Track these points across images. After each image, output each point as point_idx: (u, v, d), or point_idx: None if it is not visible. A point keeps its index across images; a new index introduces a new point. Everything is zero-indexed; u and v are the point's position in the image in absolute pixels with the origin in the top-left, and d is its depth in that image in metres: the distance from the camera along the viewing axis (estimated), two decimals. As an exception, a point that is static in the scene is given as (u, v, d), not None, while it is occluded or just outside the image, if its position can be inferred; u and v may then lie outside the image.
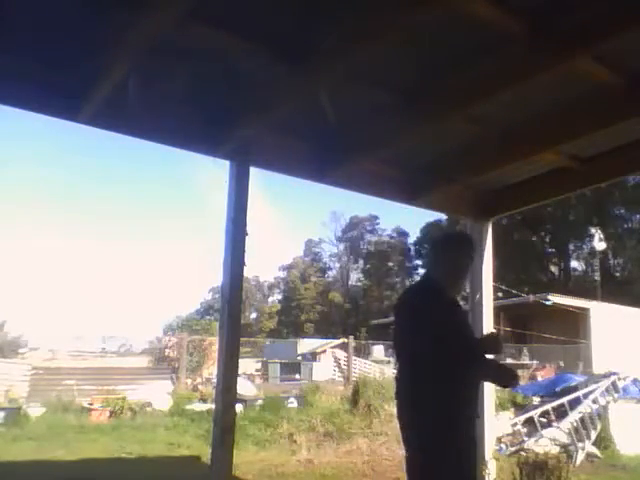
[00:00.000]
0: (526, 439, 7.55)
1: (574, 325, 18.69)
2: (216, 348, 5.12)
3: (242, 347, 11.95)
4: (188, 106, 3.46)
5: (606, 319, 17.94)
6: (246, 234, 3.66)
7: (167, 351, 15.14)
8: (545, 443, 7.33)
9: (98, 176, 60.67)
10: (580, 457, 7.06)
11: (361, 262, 53.64)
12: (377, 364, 16.92)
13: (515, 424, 7.98)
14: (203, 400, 10.57)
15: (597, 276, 27.59)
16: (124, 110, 3.26)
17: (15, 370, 11.21)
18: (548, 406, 8.26)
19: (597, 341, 17.81)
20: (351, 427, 8.46)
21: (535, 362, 17.11)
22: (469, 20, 2.59)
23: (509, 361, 16.25)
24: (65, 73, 3.01)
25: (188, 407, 10.15)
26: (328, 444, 7.65)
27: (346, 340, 17.91)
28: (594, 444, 7.55)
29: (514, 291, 19.75)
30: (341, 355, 17.67)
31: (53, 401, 9.77)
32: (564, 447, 7.27)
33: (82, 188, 58.88)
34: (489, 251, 5.09)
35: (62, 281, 63.81)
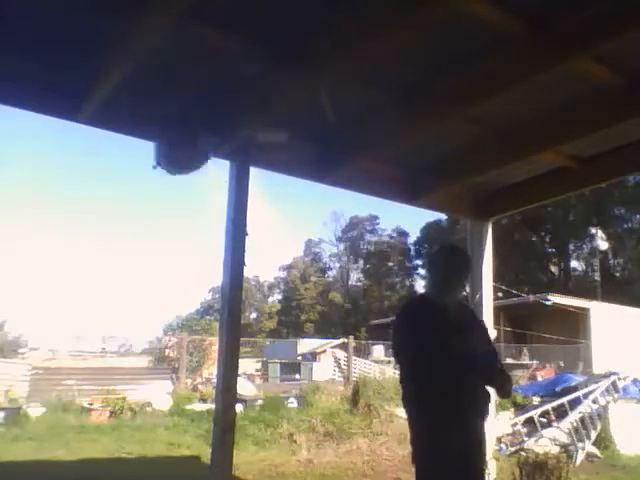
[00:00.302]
0: (526, 439, 7.55)
1: (574, 325, 18.69)
2: (216, 348, 5.11)
3: (242, 347, 11.95)
4: (188, 106, 3.45)
5: (606, 319, 17.94)
6: (246, 234, 3.66)
7: (167, 351, 15.13)
8: (545, 443, 7.34)
9: (98, 176, 60.72)
10: (580, 457, 7.06)
11: (361, 262, 53.65)
12: (377, 364, 16.92)
13: (515, 424, 7.99)
14: (203, 400, 10.57)
15: (597, 276, 27.62)
16: (124, 110, 3.26)
17: (15, 370, 11.20)
18: (548, 406, 8.27)
19: (597, 341, 17.81)
20: (351, 427, 8.46)
21: (535, 362, 17.12)
22: (469, 20, 2.59)
23: (509, 361, 16.26)
24: (65, 73, 3.01)
25: (188, 407, 10.14)
26: (328, 444, 7.65)
27: (346, 340, 17.90)
28: (594, 444, 7.55)
29: (514, 291, 19.78)
30: (341, 355, 17.67)
31: (53, 401, 9.76)
32: (564, 447, 7.27)
33: (82, 188, 58.95)
34: (489, 251, 5.08)
35: (62, 281, 63.83)
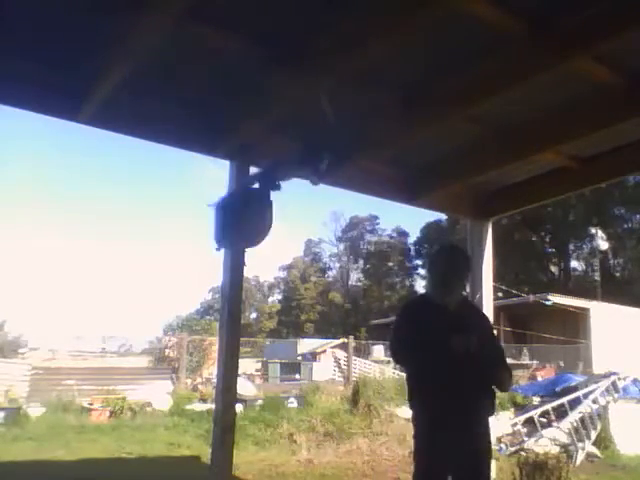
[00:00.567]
0: (526, 439, 7.56)
1: (574, 325, 18.70)
2: (216, 348, 5.11)
3: (242, 347, 11.95)
4: (188, 106, 3.46)
5: (606, 319, 17.95)
6: (246, 234, 3.65)
7: (167, 351, 15.14)
8: (545, 443, 7.34)
9: (98, 176, 60.76)
10: (580, 457, 7.07)
11: (361, 262, 53.66)
12: (377, 364, 16.93)
13: (515, 424, 7.99)
14: (203, 400, 10.58)
15: (597, 276, 27.65)
16: (124, 110, 3.26)
17: (15, 370, 11.21)
18: (548, 406, 8.28)
19: (597, 341, 17.82)
20: (351, 427, 8.46)
21: (535, 362, 17.13)
22: (469, 20, 2.59)
23: (509, 361, 16.23)
24: (65, 73, 3.01)
25: (188, 407, 10.15)
26: (328, 444, 7.65)
27: (346, 340, 17.91)
28: (594, 444, 7.56)
29: (514, 291, 19.79)
30: (341, 355, 17.67)
31: (53, 401, 9.77)
32: (564, 447, 7.27)
33: (82, 188, 58.97)
34: (489, 251, 5.08)
35: (62, 281, 63.89)
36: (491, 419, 2.99)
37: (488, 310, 4.99)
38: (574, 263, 38.74)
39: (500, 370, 2.95)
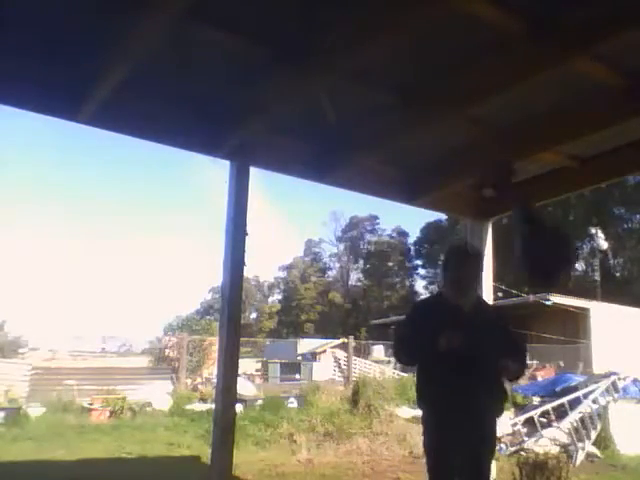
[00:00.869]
0: (526, 439, 7.56)
1: (574, 325, 18.69)
2: (216, 348, 5.11)
3: (242, 347, 11.93)
4: (188, 106, 3.45)
5: (606, 319, 17.94)
6: (246, 234, 3.66)
7: (167, 351, 15.14)
8: (545, 443, 7.34)
9: (98, 176, 60.76)
10: (580, 457, 7.06)
11: (361, 262, 53.66)
12: (377, 364, 16.94)
13: (515, 424, 7.98)
14: (203, 400, 10.57)
15: (597, 276, 27.60)
16: (124, 110, 3.25)
17: (15, 370, 11.22)
18: (548, 406, 8.27)
19: (597, 341, 17.81)
20: (351, 427, 8.46)
21: (535, 362, 17.09)
22: (469, 20, 2.59)
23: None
24: (65, 73, 3.00)
25: (188, 407, 10.15)
26: (328, 444, 7.65)
27: (346, 340, 17.90)
28: (594, 444, 7.55)
29: (514, 291, 19.73)
30: (341, 355, 17.67)
31: (53, 401, 9.77)
32: (564, 447, 7.28)
33: (82, 188, 58.97)
34: (489, 251, 5.08)
35: (62, 281, 63.88)
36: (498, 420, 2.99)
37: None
38: (574, 263, 38.73)
39: (521, 373, 3.03)
